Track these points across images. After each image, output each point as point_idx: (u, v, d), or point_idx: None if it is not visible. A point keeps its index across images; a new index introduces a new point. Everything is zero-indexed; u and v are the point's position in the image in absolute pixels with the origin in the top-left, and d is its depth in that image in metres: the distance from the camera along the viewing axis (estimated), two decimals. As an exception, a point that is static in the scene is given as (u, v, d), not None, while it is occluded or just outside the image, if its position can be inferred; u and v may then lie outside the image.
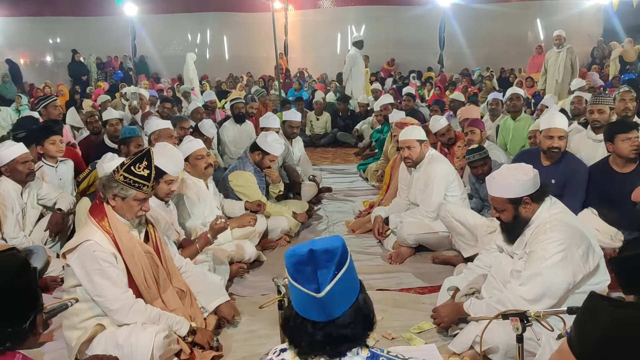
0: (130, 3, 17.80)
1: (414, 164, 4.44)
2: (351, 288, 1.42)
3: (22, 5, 18.68)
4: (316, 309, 1.37)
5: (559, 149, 3.97)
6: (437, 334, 3.06)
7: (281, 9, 17.64)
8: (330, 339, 1.38)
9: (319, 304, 1.36)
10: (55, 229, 4.15)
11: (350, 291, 1.41)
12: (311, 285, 1.36)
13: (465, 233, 3.90)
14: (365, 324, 1.43)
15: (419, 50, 17.95)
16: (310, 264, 1.36)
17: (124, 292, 2.69)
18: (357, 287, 1.44)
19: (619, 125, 3.84)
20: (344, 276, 1.38)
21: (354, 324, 1.39)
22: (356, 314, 1.40)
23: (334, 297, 1.36)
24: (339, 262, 1.38)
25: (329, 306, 1.37)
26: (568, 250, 2.58)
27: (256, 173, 4.76)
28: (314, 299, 1.36)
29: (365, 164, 7.40)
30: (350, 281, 1.41)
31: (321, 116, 10.24)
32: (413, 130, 4.48)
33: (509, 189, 2.71)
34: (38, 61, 19.28)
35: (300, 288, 1.38)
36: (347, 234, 4.99)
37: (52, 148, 4.48)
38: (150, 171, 2.76)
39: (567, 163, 4.02)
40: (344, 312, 1.39)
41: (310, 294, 1.36)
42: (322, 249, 1.37)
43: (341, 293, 1.38)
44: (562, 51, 9.11)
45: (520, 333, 2.10)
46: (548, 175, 3.89)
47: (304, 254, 1.37)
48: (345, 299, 1.40)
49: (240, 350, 3.01)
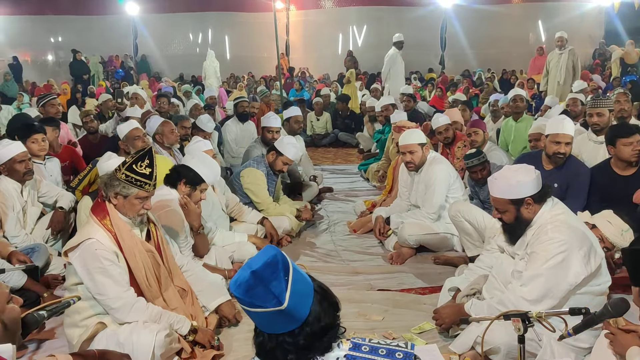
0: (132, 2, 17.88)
1: (417, 168, 4.42)
2: (306, 283, 1.42)
3: (24, 4, 18.73)
4: (286, 320, 1.37)
5: (564, 155, 3.96)
6: (438, 334, 3.06)
7: (283, 9, 17.67)
8: (313, 337, 1.39)
9: (286, 315, 1.36)
10: (57, 227, 4.15)
11: (307, 286, 1.42)
12: (271, 302, 1.35)
13: (473, 233, 3.88)
14: (333, 308, 1.44)
15: (420, 51, 17.93)
16: (259, 284, 1.35)
17: (125, 291, 2.69)
18: (309, 279, 1.44)
19: (620, 129, 3.84)
20: (295, 277, 1.37)
21: (325, 312, 1.41)
22: (321, 303, 1.41)
23: (296, 300, 1.36)
24: (284, 268, 1.37)
25: (296, 311, 1.37)
26: (569, 251, 2.57)
27: (268, 175, 4.78)
28: (280, 312, 1.35)
29: (366, 164, 7.41)
30: (301, 279, 1.41)
31: (321, 116, 10.26)
32: (413, 134, 4.46)
33: (510, 189, 2.71)
34: (40, 60, 19.32)
35: (262, 311, 1.36)
36: (349, 234, 4.99)
37: (34, 147, 4.40)
38: (152, 170, 2.76)
39: (570, 166, 4.01)
40: (311, 308, 1.39)
41: (274, 310, 1.35)
42: (262, 265, 1.36)
43: (300, 293, 1.38)
44: (564, 53, 9.10)
45: (522, 334, 2.09)
46: (550, 179, 3.88)
47: (248, 278, 1.35)
48: (306, 295, 1.40)
49: (241, 349, 3.00)
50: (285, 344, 1.39)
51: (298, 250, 4.60)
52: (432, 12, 17.58)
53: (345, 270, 4.09)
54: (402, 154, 4.46)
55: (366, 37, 18.92)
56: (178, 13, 18.90)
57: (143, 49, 18.97)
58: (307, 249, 4.63)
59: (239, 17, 18.74)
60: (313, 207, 5.68)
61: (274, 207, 4.78)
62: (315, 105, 10.38)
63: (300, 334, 1.38)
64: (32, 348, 3.07)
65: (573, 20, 16.36)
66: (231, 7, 18.87)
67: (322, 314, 1.40)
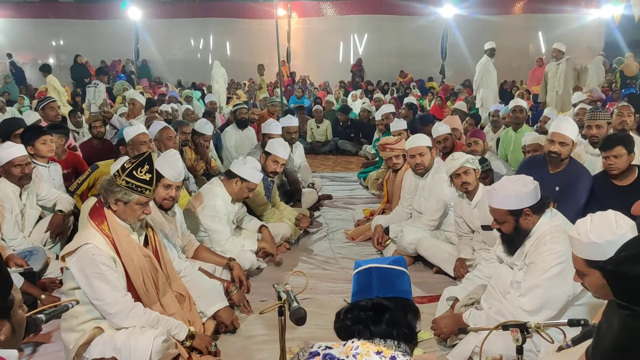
0: (134, 7, 17.90)
1: (426, 171, 4.43)
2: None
3: (26, 8, 18.78)
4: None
5: (557, 154, 3.93)
6: (437, 344, 3.05)
7: (284, 16, 17.73)
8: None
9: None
10: (56, 230, 4.15)
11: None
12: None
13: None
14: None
15: (421, 60, 18.01)
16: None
17: (122, 296, 2.68)
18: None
19: (604, 141, 3.88)
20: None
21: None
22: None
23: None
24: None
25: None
26: (568, 262, 2.56)
27: (263, 180, 4.75)
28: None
29: (365, 172, 7.41)
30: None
31: (321, 124, 10.28)
32: (420, 138, 4.50)
33: (509, 200, 2.71)
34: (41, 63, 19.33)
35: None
36: (347, 242, 4.98)
37: (44, 148, 4.44)
38: (152, 175, 2.76)
39: (571, 170, 4.01)
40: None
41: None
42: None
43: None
44: (561, 63, 9.12)
45: (521, 344, 2.10)
46: (553, 182, 3.89)
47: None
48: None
49: (239, 356, 3.00)
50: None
51: (296, 257, 4.60)
52: (433, 22, 17.63)
53: (343, 278, 4.08)
54: (411, 157, 4.46)
55: (367, 46, 18.97)
56: (180, 19, 18.95)
57: (144, 54, 19.00)
58: (305, 256, 4.63)
59: (241, 24, 18.78)
60: (312, 214, 5.68)
61: (272, 213, 4.77)
62: (315, 113, 10.40)
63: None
64: (29, 352, 3.06)
65: (573, 31, 16.42)
66: (233, 13, 18.94)
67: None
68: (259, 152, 5.59)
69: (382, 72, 17.90)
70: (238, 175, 4.04)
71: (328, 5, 18.78)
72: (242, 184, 4.04)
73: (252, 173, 4.05)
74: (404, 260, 1.77)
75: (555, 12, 17.19)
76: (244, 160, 4.14)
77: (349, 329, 1.56)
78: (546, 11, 17.29)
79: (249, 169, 4.05)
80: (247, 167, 4.06)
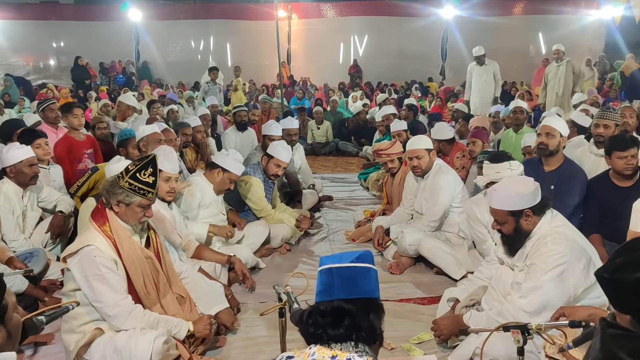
0: (135, 9, 17.92)
1: (423, 174, 4.44)
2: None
3: (27, 9, 18.80)
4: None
5: (545, 145, 4.00)
6: (437, 345, 3.05)
7: (285, 17, 17.74)
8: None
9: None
10: (56, 231, 4.16)
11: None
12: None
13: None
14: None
15: (421, 61, 18.02)
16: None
17: (123, 298, 2.68)
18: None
19: (617, 142, 3.85)
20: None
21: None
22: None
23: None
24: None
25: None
26: (568, 263, 2.58)
27: (264, 181, 4.77)
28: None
29: (366, 173, 7.41)
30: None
31: (322, 125, 10.28)
32: (421, 140, 4.50)
33: (510, 201, 2.71)
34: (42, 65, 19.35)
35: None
36: (348, 243, 4.98)
37: (39, 152, 4.41)
38: (156, 178, 2.76)
39: (565, 169, 4.04)
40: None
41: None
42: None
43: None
44: (561, 65, 9.12)
45: (521, 346, 2.09)
46: (548, 181, 3.90)
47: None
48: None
49: (239, 357, 3.00)
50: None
51: (297, 258, 4.60)
52: (434, 23, 17.64)
53: (343, 279, 4.08)
54: (409, 159, 4.48)
55: (367, 47, 18.99)
56: (180, 20, 18.97)
57: (145, 55, 19.02)
58: (306, 257, 4.63)
59: (241, 25, 18.79)
60: (312, 215, 5.67)
61: (273, 215, 4.77)
62: (315, 114, 10.40)
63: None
64: (29, 353, 3.06)
65: (573, 33, 16.42)
66: (233, 15, 18.95)
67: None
68: (259, 153, 5.59)
69: (382, 73, 17.91)
70: (220, 165, 4.11)
71: (328, 6, 18.81)
72: (224, 174, 4.12)
73: (233, 164, 4.13)
74: (370, 256, 1.70)
75: (555, 13, 17.19)
76: (226, 152, 4.24)
77: (310, 334, 1.55)
78: (546, 12, 17.30)
79: (231, 160, 4.14)
80: (229, 158, 4.15)
